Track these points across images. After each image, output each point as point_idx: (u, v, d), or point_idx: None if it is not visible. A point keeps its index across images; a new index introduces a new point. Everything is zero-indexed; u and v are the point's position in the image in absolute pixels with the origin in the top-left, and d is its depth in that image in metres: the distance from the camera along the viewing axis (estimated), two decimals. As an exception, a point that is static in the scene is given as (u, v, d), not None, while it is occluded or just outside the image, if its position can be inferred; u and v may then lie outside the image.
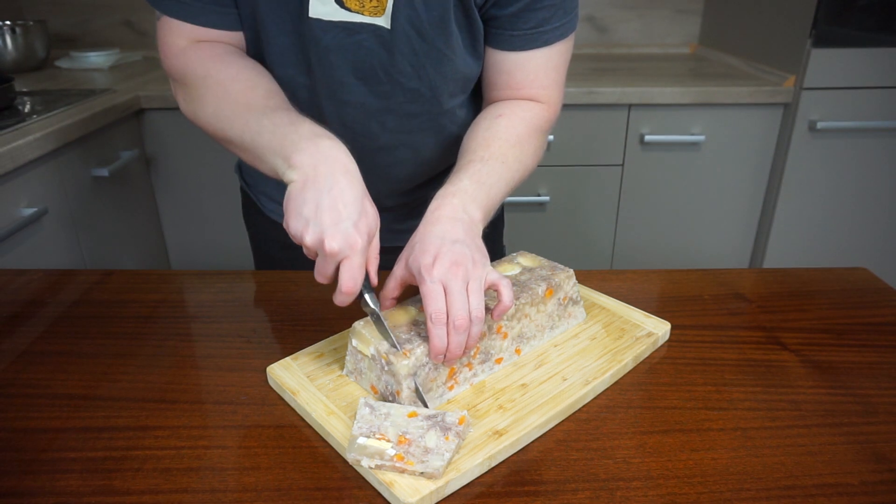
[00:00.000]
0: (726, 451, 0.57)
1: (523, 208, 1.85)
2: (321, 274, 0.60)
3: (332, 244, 0.57)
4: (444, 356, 0.59)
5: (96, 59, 1.98)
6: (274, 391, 0.65)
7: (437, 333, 0.58)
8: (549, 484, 0.53)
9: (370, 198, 0.63)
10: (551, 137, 1.73)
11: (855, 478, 0.54)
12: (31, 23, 1.89)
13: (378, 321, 0.61)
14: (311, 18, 0.72)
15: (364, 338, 0.61)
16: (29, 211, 1.22)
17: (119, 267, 1.56)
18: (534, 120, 0.79)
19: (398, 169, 0.87)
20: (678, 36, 2.28)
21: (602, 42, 2.29)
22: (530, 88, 0.80)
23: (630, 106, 1.72)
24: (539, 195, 1.82)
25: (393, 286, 0.66)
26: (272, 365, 0.66)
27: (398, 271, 0.65)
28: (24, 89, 1.64)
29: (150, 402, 0.63)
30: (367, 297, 0.61)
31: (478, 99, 0.87)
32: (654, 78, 1.81)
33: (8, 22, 1.83)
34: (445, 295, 0.58)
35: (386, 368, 0.59)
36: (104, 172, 1.45)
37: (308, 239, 0.58)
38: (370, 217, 0.61)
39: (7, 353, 0.71)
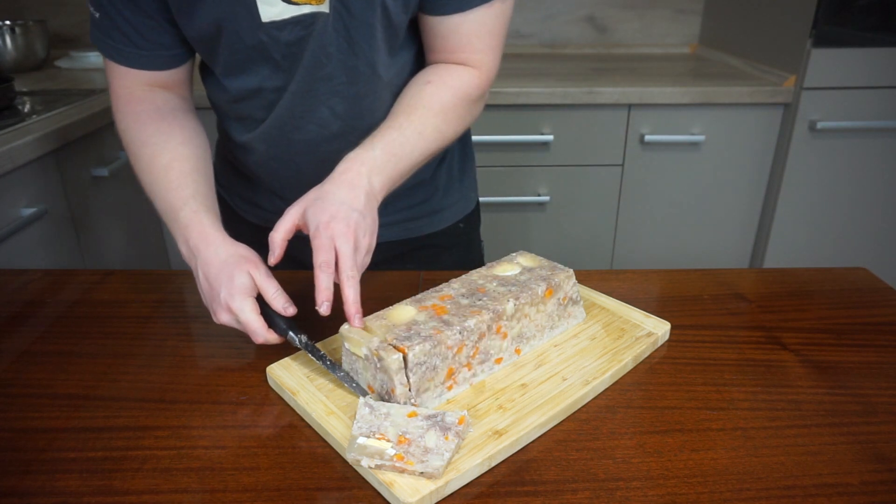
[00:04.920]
0: (726, 451, 0.57)
1: (523, 208, 1.85)
2: (250, 335, 0.67)
3: (221, 318, 0.68)
4: (349, 312, 0.62)
5: (96, 59, 1.97)
6: (274, 391, 0.65)
7: (324, 279, 0.62)
8: (548, 484, 0.53)
9: (241, 257, 0.70)
10: (551, 137, 1.73)
11: (855, 478, 0.54)
12: (31, 23, 1.89)
13: (312, 352, 0.65)
14: (265, 23, 0.74)
15: (355, 340, 0.61)
16: (29, 211, 1.22)
17: (119, 267, 1.56)
18: (462, 88, 0.80)
19: None
20: (678, 36, 2.28)
21: (602, 42, 2.29)
22: (463, 52, 0.81)
23: (630, 106, 1.72)
24: (539, 195, 1.82)
25: (283, 229, 0.67)
26: (272, 365, 0.66)
27: (294, 213, 0.68)
28: (24, 89, 1.63)
29: (149, 402, 0.63)
30: (291, 335, 0.67)
31: (419, 69, 0.87)
32: (654, 78, 1.81)
33: (8, 22, 1.83)
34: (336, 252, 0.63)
35: (378, 366, 0.59)
36: (104, 172, 1.45)
37: (216, 320, 0.69)
38: (241, 275, 0.67)
39: (7, 353, 0.71)
